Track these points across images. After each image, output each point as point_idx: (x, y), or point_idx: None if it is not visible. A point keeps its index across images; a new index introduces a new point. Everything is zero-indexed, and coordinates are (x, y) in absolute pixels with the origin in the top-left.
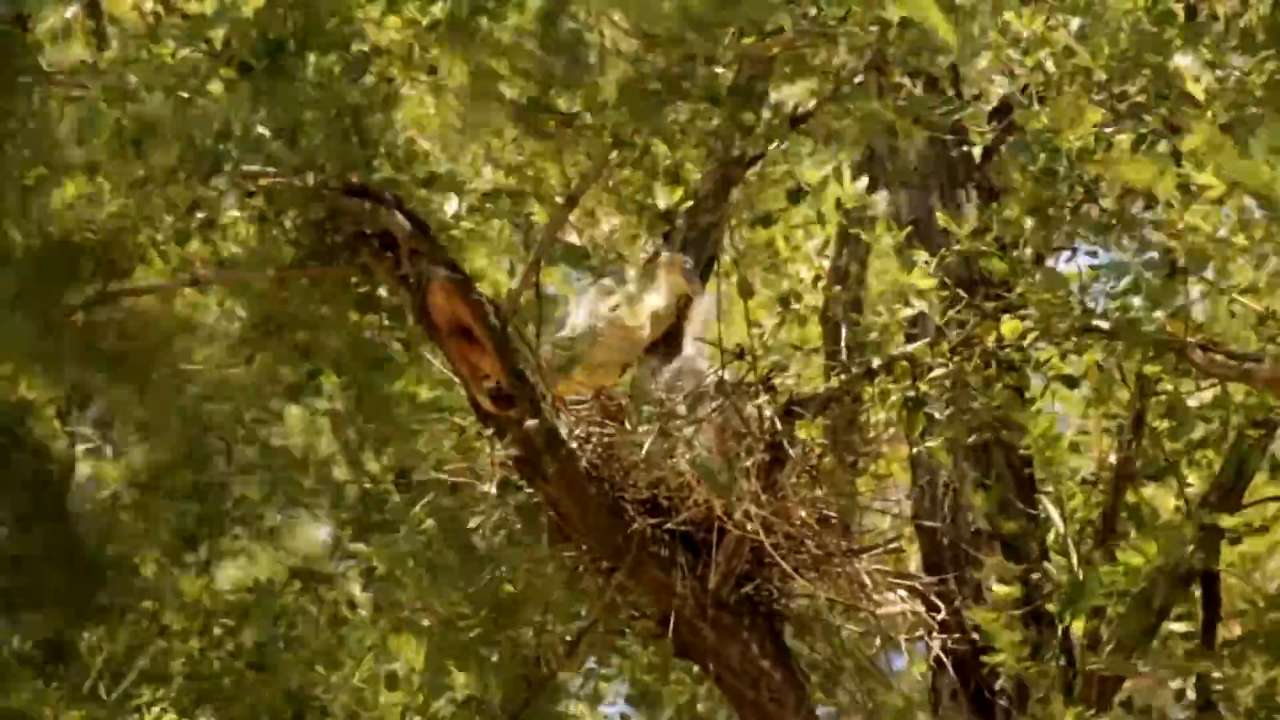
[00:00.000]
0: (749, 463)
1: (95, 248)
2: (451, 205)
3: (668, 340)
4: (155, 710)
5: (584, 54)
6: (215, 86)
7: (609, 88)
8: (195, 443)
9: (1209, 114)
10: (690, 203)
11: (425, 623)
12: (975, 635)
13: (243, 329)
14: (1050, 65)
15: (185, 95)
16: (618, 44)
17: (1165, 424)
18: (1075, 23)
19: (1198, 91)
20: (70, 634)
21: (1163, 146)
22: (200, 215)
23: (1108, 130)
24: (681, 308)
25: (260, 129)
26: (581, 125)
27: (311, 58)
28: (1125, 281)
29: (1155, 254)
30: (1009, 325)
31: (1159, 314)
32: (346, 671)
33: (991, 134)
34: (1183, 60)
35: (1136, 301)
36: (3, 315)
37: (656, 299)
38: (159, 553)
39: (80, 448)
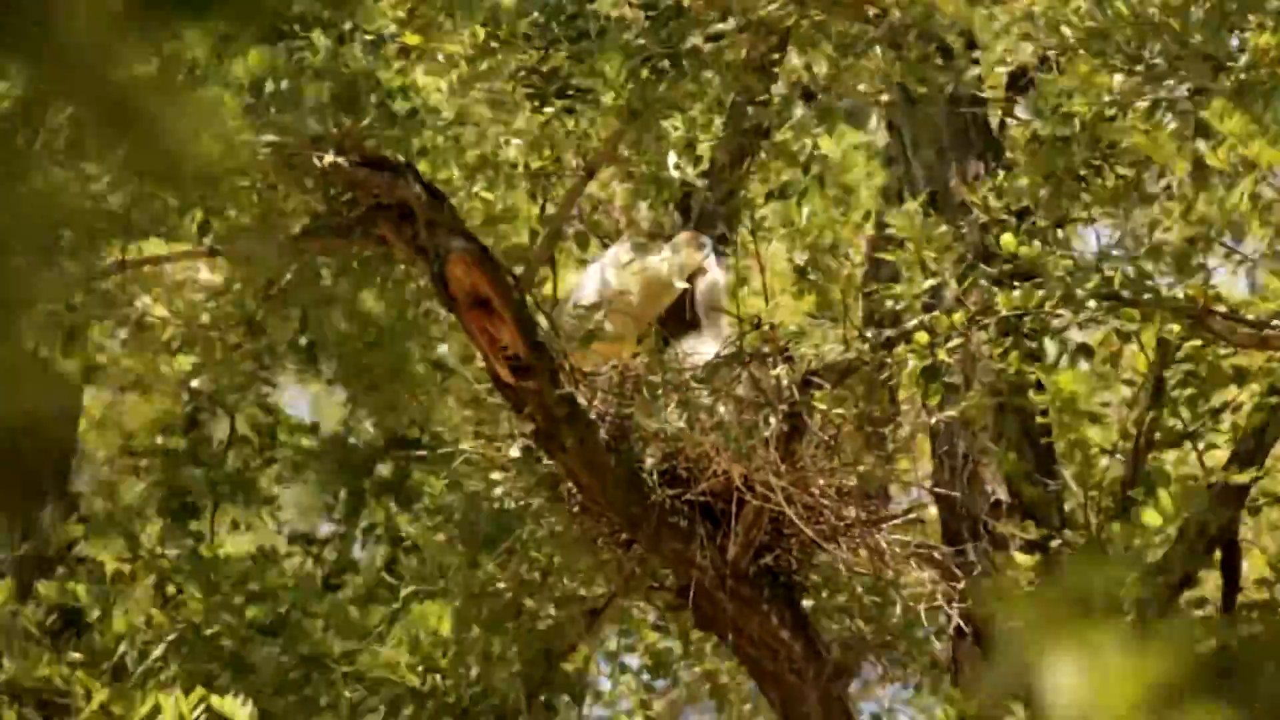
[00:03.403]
0: (768, 433)
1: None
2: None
3: (681, 312)
4: (176, 684)
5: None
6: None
7: (612, 61)
8: (193, 411)
9: (1227, 81)
10: (704, 174)
11: (450, 592)
12: (994, 605)
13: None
14: (1067, 30)
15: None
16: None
17: (1185, 392)
18: None
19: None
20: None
21: (1179, 113)
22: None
23: (1122, 95)
24: (693, 280)
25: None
26: (594, 99)
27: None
28: (1144, 249)
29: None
30: (1025, 294)
31: (1174, 282)
32: (369, 638)
33: (1006, 101)
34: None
35: (1153, 268)
36: (25, 279)
37: (663, 267)
38: (160, 520)
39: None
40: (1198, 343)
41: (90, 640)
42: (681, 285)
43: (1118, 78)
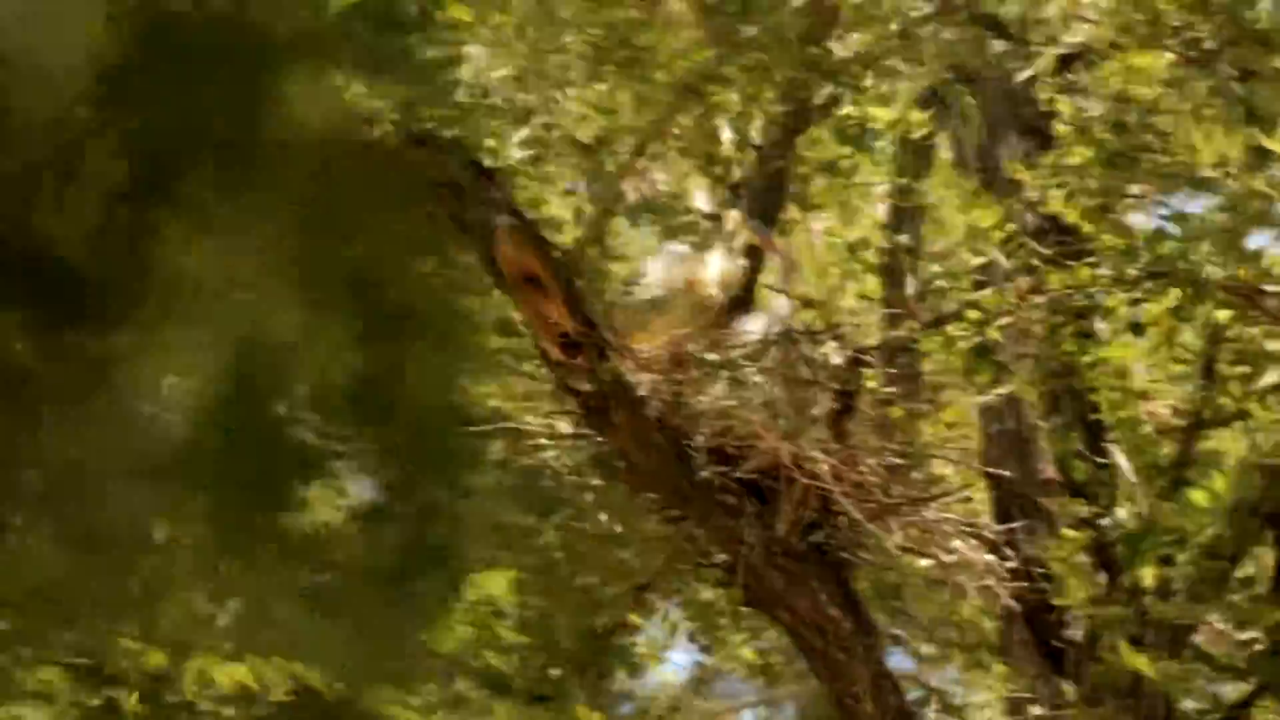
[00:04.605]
0: (817, 410)
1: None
2: (517, 152)
3: (740, 300)
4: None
5: None
6: None
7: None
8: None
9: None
10: (756, 151)
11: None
12: (1045, 584)
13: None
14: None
15: None
16: None
17: (1236, 370)
18: None
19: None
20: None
21: (1228, 99)
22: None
23: (1174, 80)
24: (753, 265)
25: None
26: (649, 73)
27: None
28: (1192, 227)
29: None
30: (1079, 272)
31: (1220, 261)
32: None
33: (1058, 83)
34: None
35: (1204, 247)
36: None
37: (725, 262)
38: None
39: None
40: (1247, 326)
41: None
42: (739, 277)
43: (1169, 58)
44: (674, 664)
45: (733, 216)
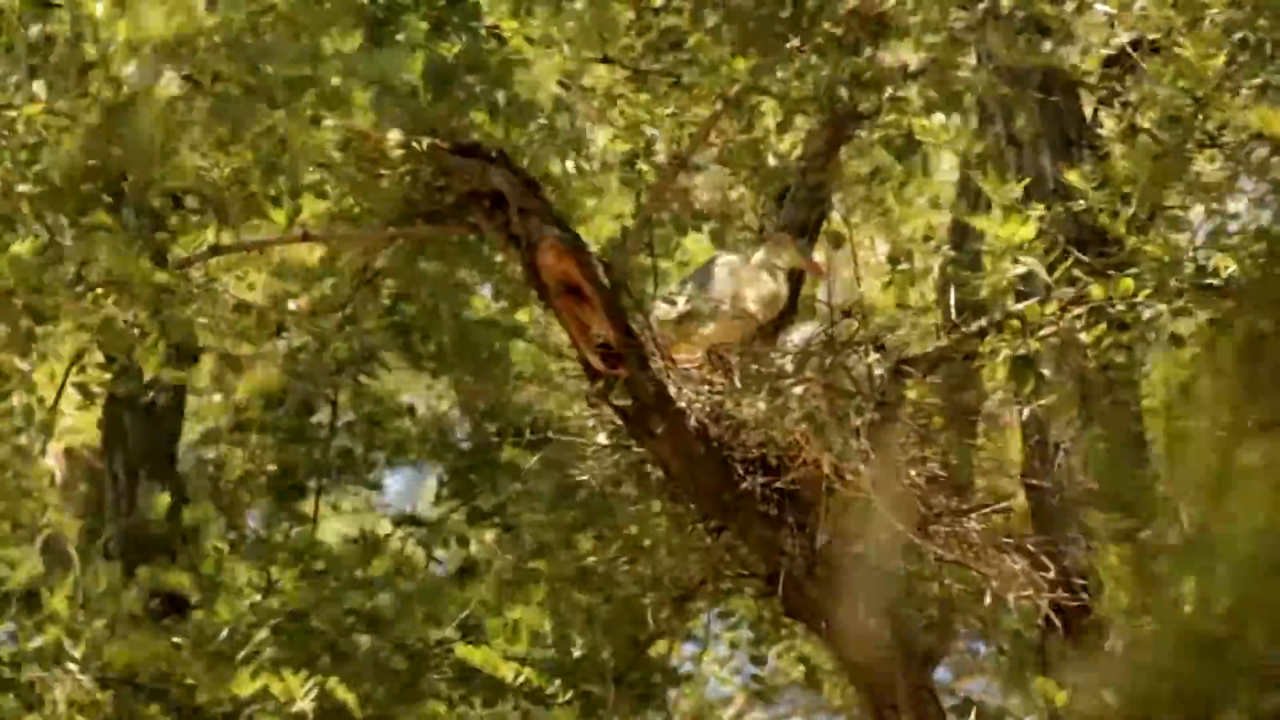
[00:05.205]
0: (858, 422)
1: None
2: (563, 165)
3: (783, 313)
4: (279, 669)
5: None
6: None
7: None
8: (294, 390)
9: None
10: (800, 161)
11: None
12: (1084, 595)
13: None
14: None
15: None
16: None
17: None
18: None
19: None
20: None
21: None
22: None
23: (1230, 76)
24: (795, 282)
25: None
26: (690, 84)
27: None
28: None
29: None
30: (1121, 282)
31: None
32: (462, 625)
33: (1104, 88)
34: None
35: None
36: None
37: (774, 281)
38: (263, 502)
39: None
40: None
41: (193, 624)
42: (784, 297)
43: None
44: (720, 675)
45: (778, 237)
